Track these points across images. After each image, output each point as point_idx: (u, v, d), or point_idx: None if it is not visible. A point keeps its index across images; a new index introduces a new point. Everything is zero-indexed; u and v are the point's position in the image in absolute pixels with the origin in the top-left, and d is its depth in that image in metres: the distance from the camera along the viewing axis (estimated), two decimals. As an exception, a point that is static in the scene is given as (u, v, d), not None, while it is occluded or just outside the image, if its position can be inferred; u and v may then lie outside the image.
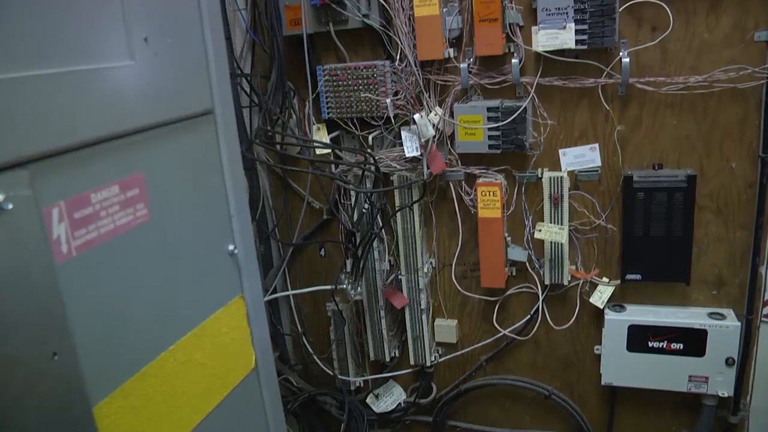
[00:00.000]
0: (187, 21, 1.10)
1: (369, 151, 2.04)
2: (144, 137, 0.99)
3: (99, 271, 0.93)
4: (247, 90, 2.16)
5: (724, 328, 1.87)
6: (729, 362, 1.88)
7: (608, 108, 1.87)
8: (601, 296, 2.00)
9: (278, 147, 2.19)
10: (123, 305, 0.98)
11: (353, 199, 2.12)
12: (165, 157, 1.05)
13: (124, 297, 0.98)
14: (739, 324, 1.86)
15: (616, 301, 2.02)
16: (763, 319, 1.88)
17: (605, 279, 2.01)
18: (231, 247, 1.23)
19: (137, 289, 1.01)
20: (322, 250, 2.34)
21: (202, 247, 1.16)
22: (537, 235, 1.93)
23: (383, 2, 1.92)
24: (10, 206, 0.77)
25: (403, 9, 1.90)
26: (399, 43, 1.92)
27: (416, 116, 1.90)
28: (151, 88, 1.00)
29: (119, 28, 0.94)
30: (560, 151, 1.93)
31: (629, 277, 1.94)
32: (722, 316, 1.90)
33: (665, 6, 1.74)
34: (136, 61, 0.97)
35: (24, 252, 0.80)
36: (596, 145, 1.90)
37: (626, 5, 1.77)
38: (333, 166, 2.15)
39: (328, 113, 2.06)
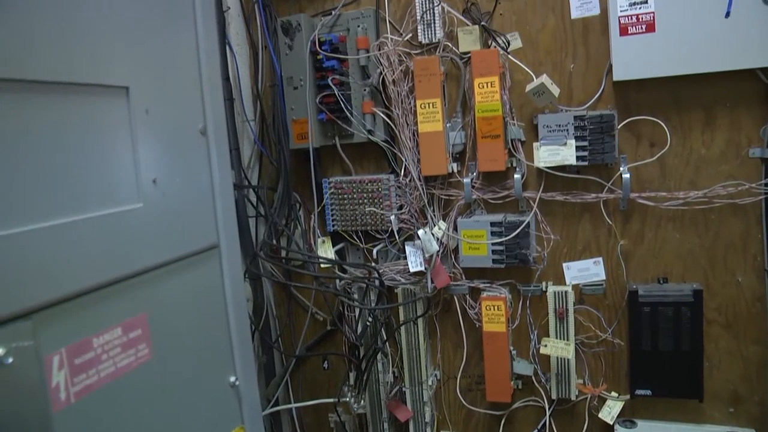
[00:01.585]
0: (195, 159, 1.13)
1: (373, 265, 2.04)
2: (149, 277, 0.99)
3: (97, 416, 0.91)
4: (254, 201, 2.18)
5: (744, 450, 1.80)
6: (754, 487, 1.80)
7: (610, 222, 1.88)
8: (610, 411, 1.95)
9: (282, 261, 2.20)
10: (120, 448, 0.96)
11: (357, 312, 2.11)
12: (169, 295, 1.04)
13: (122, 439, 0.96)
14: (761, 446, 1.80)
15: (627, 417, 1.96)
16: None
17: (614, 393, 1.96)
18: (232, 379, 1.21)
19: (136, 430, 0.98)
20: (326, 362, 2.30)
21: (203, 381, 1.14)
22: (543, 351, 1.90)
23: (387, 118, 1.98)
24: (11, 360, 0.77)
25: (407, 124, 1.94)
26: (403, 158, 1.96)
27: (420, 232, 1.91)
28: (159, 228, 1.01)
29: (129, 172, 0.97)
30: (564, 265, 1.94)
31: (639, 392, 1.89)
32: (742, 436, 1.84)
33: (662, 123, 1.79)
34: (145, 203, 0.98)
35: (20, 402, 0.78)
36: (600, 259, 1.91)
37: (625, 122, 1.82)
38: (337, 279, 2.15)
39: (334, 226, 2.08)
